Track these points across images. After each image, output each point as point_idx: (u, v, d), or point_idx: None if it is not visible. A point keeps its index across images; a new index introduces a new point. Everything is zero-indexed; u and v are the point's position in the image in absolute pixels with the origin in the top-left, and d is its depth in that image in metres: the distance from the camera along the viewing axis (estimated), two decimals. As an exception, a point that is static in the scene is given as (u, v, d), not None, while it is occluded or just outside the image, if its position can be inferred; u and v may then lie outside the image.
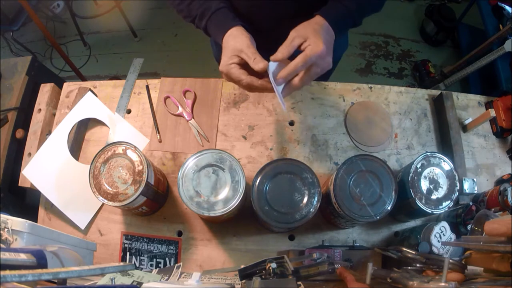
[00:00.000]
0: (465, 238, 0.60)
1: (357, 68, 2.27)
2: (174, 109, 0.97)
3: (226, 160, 0.74)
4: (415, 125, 0.98)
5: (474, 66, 1.77)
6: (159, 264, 0.86)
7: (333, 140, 0.96)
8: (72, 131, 0.93)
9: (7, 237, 0.62)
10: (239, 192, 0.72)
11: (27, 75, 1.15)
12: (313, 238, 0.88)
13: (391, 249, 0.74)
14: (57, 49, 1.81)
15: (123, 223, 0.89)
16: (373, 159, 0.75)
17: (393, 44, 2.35)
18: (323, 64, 0.68)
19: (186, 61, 2.23)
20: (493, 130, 0.99)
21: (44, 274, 0.39)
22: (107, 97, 1.00)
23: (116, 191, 0.74)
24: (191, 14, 0.78)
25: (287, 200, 0.72)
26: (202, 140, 0.95)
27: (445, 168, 0.78)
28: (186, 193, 0.72)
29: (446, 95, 0.96)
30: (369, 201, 0.73)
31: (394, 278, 0.57)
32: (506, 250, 0.45)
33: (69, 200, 0.89)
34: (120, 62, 2.30)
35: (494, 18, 1.89)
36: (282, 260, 0.61)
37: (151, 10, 2.44)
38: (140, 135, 0.96)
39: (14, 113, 1.10)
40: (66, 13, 2.40)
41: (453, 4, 2.33)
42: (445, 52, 2.36)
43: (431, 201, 0.76)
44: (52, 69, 2.00)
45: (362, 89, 1.01)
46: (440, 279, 0.49)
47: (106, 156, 0.76)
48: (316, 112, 0.98)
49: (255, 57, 0.68)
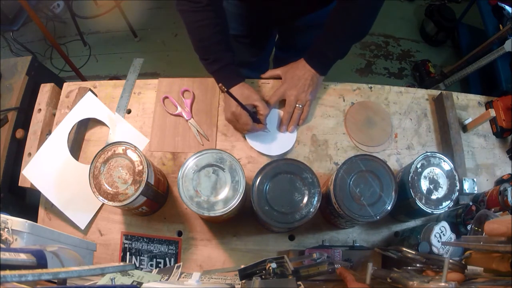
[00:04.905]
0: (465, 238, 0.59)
1: (357, 68, 2.27)
2: (173, 109, 0.97)
3: (226, 160, 0.74)
4: (415, 125, 0.98)
5: (474, 66, 1.77)
6: (159, 264, 0.86)
7: (333, 140, 0.96)
8: (72, 131, 0.93)
9: (7, 237, 0.62)
10: (239, 192, 0.72)
11: (27, 75, 1.15)
12: (313, 238, 0.88)
13: (391, 249, 0.74)
14: (57, 49, 1.80)
15: (123, 223, 0.89)
16: (373, 159, 0.75)
17: (393, 44, 2.35)
18: (303, 99, 0.93)
19: (186, 61, 2.22)
20: (493, 130, 0.99)
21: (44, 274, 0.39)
22: (107, 97, 1.00)
23: (116, 191, 0.74)
24: (205, 56, 0.88)
25: (287, 200, 0.72)
26: (202, 139, 0.95)
27: (445, 168, 0.78)
28: (186, 193, 0.72)
29: (446, 95, 0.96)
30: (369, 201, 0.73)
31: (394, 278, 0.57)
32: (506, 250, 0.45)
33: (69, 200, 0.89)
34: (120, 62, 2.30)
35: (494, 18, 1.89)
36: (282, 260, 0.61)
37: (151, 10, 2.44)
38: (140, 135, 0.96)
39: (14, 113, 1.10)
40: (66, 13, 2.39)
41: (453, 4, 2.33)
42: (445, 52, 2.35)
43: (431, 201, 0.76)
44: (52, 69, 2.00)
45: (362, 89, 1.01)
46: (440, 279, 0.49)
47: (106, 156, 0.76)
48: (316, 112, 0.98)
49: (265, 106, 0.89)
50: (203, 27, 0.84)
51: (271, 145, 0.93)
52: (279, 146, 0.93)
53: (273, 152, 0.93)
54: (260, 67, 1.43)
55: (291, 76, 0.94)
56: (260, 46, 1.29)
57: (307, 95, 0.93)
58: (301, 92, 0.92)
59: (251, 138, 0.93)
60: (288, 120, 0.94)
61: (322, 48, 0.92)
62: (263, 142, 0.93)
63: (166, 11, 2.41)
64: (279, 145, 0.93)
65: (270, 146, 0.93)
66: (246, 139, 0.94)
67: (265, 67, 1.49)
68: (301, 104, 0.93)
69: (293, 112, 0.94)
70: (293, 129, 0.94)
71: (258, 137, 0.94)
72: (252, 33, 1.18)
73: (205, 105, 0.98)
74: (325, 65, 0.94)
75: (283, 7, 0.97)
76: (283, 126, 0.94)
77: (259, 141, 0.93)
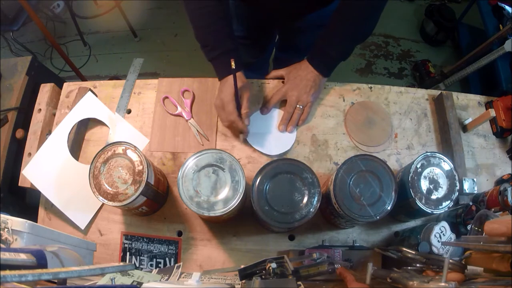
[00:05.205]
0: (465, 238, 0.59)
1: (357, 68, 2.27)
2: (173, 109, 0.97)
3: (226, 160, 0.74)
4: (415, 125, 0.98)
5: (474, 66, 1.77)
6: (159, 264, 0.86)
7: (333, 140, 0.96)
8: (72, 131, 0.93)
9: (7, 237, 0.62)
10: (239, 192, 0.72)
11: (27, 75, 1.15)
12: (313, 238, 0.88)
13: (391, 249, 0.74)
14: (57, 49, 1.81)
15: (123, 223, 0.89)
16: (373, 159, 0.75)
17: (393, 44, 2.35)
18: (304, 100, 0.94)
19: (186, 61, 2.22)
20: (493, 130, 0.99)
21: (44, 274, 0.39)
22: (107, 97, 1.00)
23: (116, 191, 0.74)
24: (206, 43, 0.86)
25: (287, 200, 0.72)
26: (202, 139, 0.95)
27: (445, 168, 0.78)
28: (186, 193, 0.72)
29: (446, 95, 0.96)
30: (369, 201, 0.73)
31: (394, 278, 0.57)
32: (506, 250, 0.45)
33: (69, 200, 0.89)
34: (120, 62, 2.30)
35: (494, 18, 1.89)
36: (282, 260, 0.61)
37: (151, 10, 2.44)
38: (140, 135, 0.96)
39: (14, 113, 1.10)
40: (66, 13, 2.39)
41: (453, 4, 2.33)
42: (445, 52, 2.35)
43: (431, 201, 0.76)
44: (52, 69, 2.00)
45: (362, 89, 1.01)
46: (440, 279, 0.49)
47: (106, 156, 0.76)
48: (316, 112, 0.98)
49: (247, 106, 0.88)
50: (204, 13, 0.83)
51: (270, 145, 0.93)
52: (278, 145, 0.93)
53: (272, 151, 0.93)
54: (261, 68, 1.43)
55: (293, 77, 0.94)
56: (260, 47, 1.29)
57: (308, 96, 0.93)
58: (302, 93, 0.93)
59: (251, 137, 0.93)
60: (287, 120, 0.94)
61: (324, 48, 0.91)
62: (262, 142, 0.93)
63: (166, 11, 2.41)
64: (278, 145, 0.93)
65: (269, 146, 0.93)
66: (246, 140, 0.94)
67: (265, 68, 1.49)
68: (302, 105, 0.93)
69: (293, 112, 0.94)
70: (292, 129, 0.94)
71: (258, 137, 0.94)
72: (253, 34, 1.18)
73: (205, 105, 0.98)
74: (327, 66, 0.93)
75: (283, 7, 0.97)
76: (281, 125, 0.94)
77: (259, 140, 0.93)
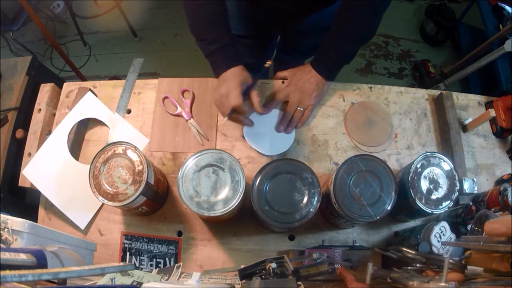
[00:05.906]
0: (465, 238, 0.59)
1: (357, 68, 2.27)
2: (173, 109, 0.97)
3: (226, 160, 0.74)
4: (415, 125, 0.98)
5: (474, 66, 1.77)
6: (159, 264, 0.86)
7: (333, 140, 0.96)
8: (72, 131, 0.93)
9: (7, 237, 0.62)
10: (239, 192, 0.72)
11: (27, 75, 1.15)
12: (313, 238, 0.88)
13: (391, 249, 0.74)
14: (57, 49, 1.80)
15: (123, 223, 0.89)
16: (373, 159, 0.75)
17: (393, 44, 2.35)
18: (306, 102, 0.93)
19: (186, 61, 2.22)
20: (493, 130, 0.99)
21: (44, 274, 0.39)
22: (107, 97, 1.00)
23: (116, 191, 0.74)
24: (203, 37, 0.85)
25: (287, 200, 0.72)
26: (202, 139, 0.95)
27: (445, 168, 0.78)
28: (186, 193, 0.72)
29: (446, 95, 0.96)
30: (369, 201, 0.73)
31: (394, 278, 0.57)
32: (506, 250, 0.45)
33: (69, 200, 0.89)
34: (120, 62, 2.30)
35: (494, 18, 1.89)
36: (282, 260, 0.61)
37: (151, 10, 2.44)
38: (140, 135, 0.96)
39: (14, 113, 1.10)
40: (66, 13, 2.39)
41: (453, 4, 2.33)
42: (445, 52, 2.35)
43: (431, 201, 0.76)
44: (52, 69, 2.00)
45: (362, 89, 1.01)
46: (440, 279, 0.49)
47: (106, 156, 0.76)
48: (316, 112, 0.98)
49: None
50: (201, 6, 0.83)
51: (268, 145, 0.93)
52: (275, 146, 0.93)
53: (270, 151, 0.93)
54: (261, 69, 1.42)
55: (297, 79, 0.94)
56: (262, 47, 1.29)
57: (310, 99, 0.93)
58: (304, 96, 0.93)
59: (249, 136, 0.93)
60: (286, 121, 0.94)
61: (326, 51, 0.91)
62: (261, 141, 0.93)
63: (166, 11, 2.41)
64: (276, 145, 0.94)
65: (266, 145, 0.93)
66: (245, 139, 0.94)
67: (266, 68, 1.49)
68: (303, 107, 0.93)
69: (294, 114, 0.94)
70: (290, 131, 0.94)
71: (257, 136, 0.94)
72: (254, 34, 1.17)
73: (205, 105, 0.98)
74: (330, 69, 0.93)
75: (285, 6, 0.97)
76: (280, 126, 0.94)
77: (257, 139, 0.93)
